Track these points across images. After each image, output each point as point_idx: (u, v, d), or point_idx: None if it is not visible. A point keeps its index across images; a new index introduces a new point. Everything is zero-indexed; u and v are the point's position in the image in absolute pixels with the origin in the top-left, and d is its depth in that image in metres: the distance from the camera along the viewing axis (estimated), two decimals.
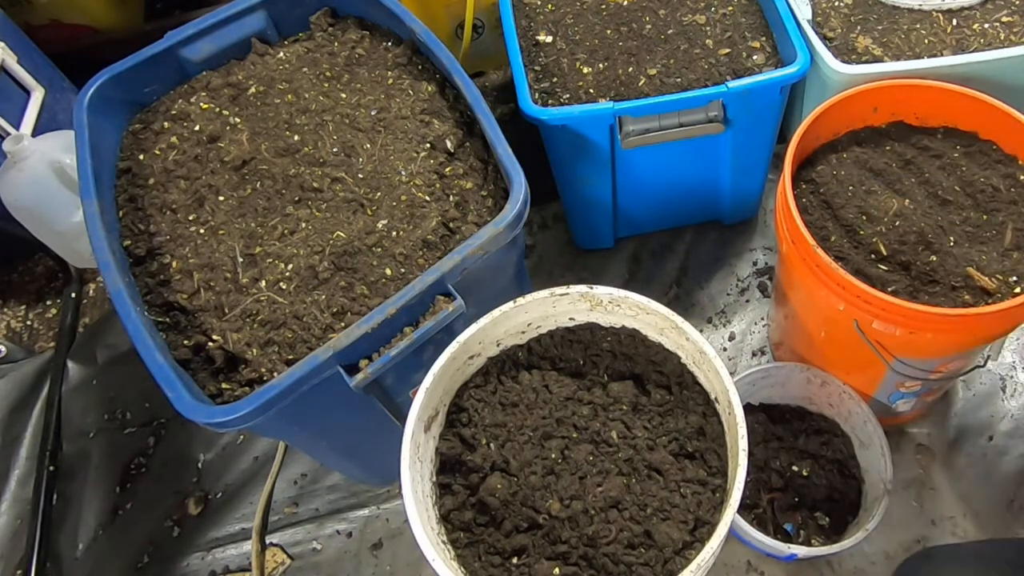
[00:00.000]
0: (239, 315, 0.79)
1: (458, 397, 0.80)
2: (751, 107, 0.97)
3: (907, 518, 1.00)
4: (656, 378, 0.80)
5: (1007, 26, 0.99)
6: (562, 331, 0.83)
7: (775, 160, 1.19)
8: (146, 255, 0.84)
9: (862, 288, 0.75)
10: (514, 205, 0.77)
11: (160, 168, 0.90)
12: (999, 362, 1.10)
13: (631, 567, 0.68)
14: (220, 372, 0.77)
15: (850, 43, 1.00)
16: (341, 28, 1.02)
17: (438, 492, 0.76)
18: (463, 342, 0.76)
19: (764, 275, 1.23)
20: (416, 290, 0.74)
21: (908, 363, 0.84)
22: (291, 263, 0.81)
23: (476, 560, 0.71)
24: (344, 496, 1.11)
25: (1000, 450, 1.03)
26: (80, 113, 0.89)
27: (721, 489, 0.72)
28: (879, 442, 0.91)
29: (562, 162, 1.07)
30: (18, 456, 1.21)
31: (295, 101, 0.94)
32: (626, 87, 0.99)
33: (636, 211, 1.19)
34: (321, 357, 0.71)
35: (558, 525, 0.71)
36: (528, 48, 1.05)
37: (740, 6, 1.05)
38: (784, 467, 0.98)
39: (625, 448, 0.75)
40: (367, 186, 0.86)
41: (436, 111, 0.91)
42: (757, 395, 1.04)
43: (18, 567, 1.11)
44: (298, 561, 1.07)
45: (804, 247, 0.80)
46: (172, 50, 0.96)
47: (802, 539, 0.95)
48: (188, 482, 1.15)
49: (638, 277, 1.25)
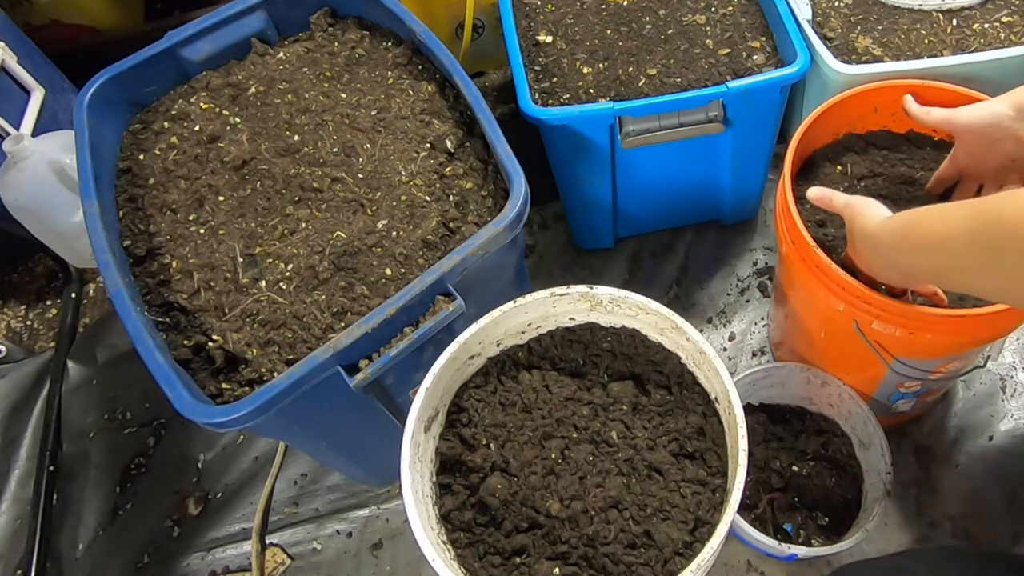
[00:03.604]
0: (239, 315, 0.79)
1: (458, 397, 0.80)
2: (751, 107, 0.97)
3: (907, 518, 1.00)
4: (656, 378, 0.80)
5: (1007, 26, 0.99)
6: (562, 331, 0.83)
7: (775, 160, 1.19)
8: (146, 255, 0.84)
9: (862, 289, 0.75)
10: (514, 205, 0.77)
11: (160, 168, 0.90)
12: (999, 362, 1.10)
13: (631, 567, 0.68)
14: (220, 372, 0.77)
15: (850, 43, 1.00)
16: (341, 28, 1.02)
17: (438, 492, 0.76)
18: (463, 342, 0.76)
19: (764, 275, 1.23)
20: (416, 290, 0.74)
21: (908, 363, 0.84)
22: (291, 263, 0.81)
23: (476, 560, 0.71)
24: (344, 496, 1.11)
25: (1000, 450, 1.03)
26: (80, 113, 0.89)
27: (721, 489, 0.72)
28: (879, 442, 0.91)
29: (562, 162, 1.07)
30: (18, 456, 1.21)
31: (295, 101, 0.94)
32: (626, 87, 0.99)
33: (636, 211, 1.19)
34: (321, 357, 0.71)
35: (558, 525, 0.71)
36: (528, 48, 1.05)
37: (740, 6, 1.05)
38: (784, 467, 0.98)
39: (625, 448, 0.75)
40: (367, 186, 0.86)
41: (436, 111, 0.91)
42: (757, 395, 1.04)
43: (18, 567, 1.11)
44: (298, 561, 1.07)
45: (804, 247, 0.80)
46: (172, 50, 0.96)
47: (802, 539, 0.95)
48: (188, 482, 1.15)
49: (638, 277, 1.25)
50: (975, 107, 0.78)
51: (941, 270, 0.61)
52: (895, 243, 0.66)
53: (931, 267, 0.62)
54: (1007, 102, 0.75)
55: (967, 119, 0.78)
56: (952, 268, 0.59)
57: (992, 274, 0.55)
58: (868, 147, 0.94)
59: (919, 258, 0.63)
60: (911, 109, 0.84)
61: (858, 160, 0.93)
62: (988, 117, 0.76)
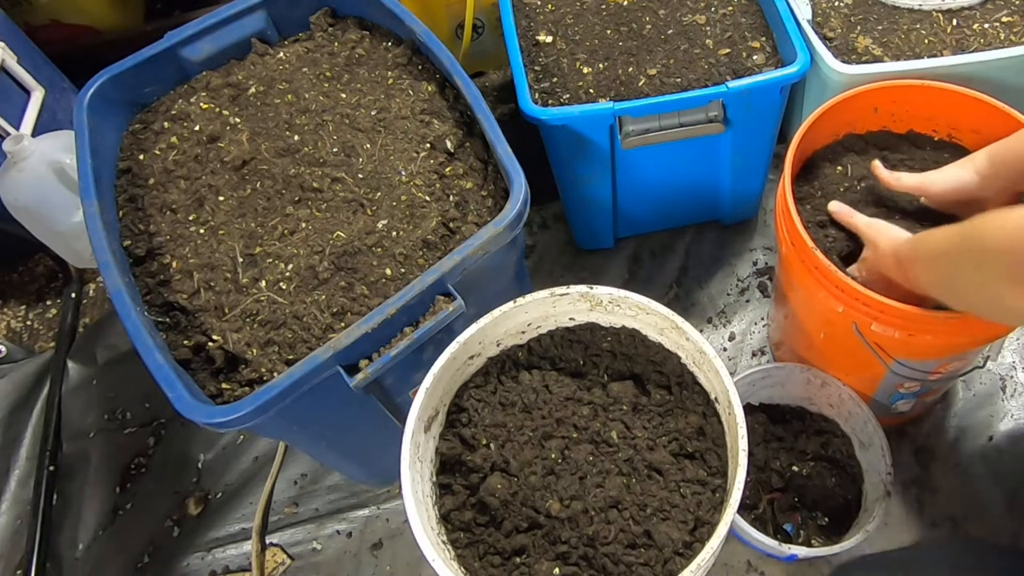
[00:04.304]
0: (239, 315, 0.79)
1: (458, 397, 0.80)
2: (751, 107, 0.97)
3: (907, 518, 1.00)
4: (656, 378, 0.80)
5: (1007, 26, 0.99)
6: (562, 331, 0.83)
7: (775, 160, 1.19)
8: (146, 255, 0.84)
9: (861, 291, 0.75)
10: (514, 205, 0.77)
11: (160, 168, 0.90)
12: (999, 362, 1.10)
13: (631, 567, 0.68)
14: (220, 372, 0.77)
15: (850, 43, 1.00)
16: (341, 28, 1.02)
17: (438, 492, 0.76)
18: (463, 342, 0.76)
19: (764, 275, 1.23)
20: (416, 290, 0.74)
21: (907, 364, 0.84)
22: (291, 263, 0.81)
23: (476, 560, 0.71)
24: (344, 496, 1.11)
25: (1000, 450, 1.03)
26: (80, 113, 0.89)
27: (721, 489, 0.72)
28: (879, 442, 0.91)
29: (562, 162, 1.07)
30: (18, 456, 1.21)
31: (295, 101, 0.94)
32: (626, 87, 0.99)
33: (636, 211, 1.19)
34: (321, 357, 0.71)
35: (558, 525, 0.71)
36: (528, 48, 1.05)
37: (740, 6, 1.05)
38: (784, 467, 0.98)
39: (625, 448, 0.75)
40: (367, 186, 0.86)
41: (436, 111, 0.91)
42: (757, 395, 1.04)
43: (18, 567, 1.11)
44: (298, 561, 1.07)
45: (803, 249, 0.80)
46: (172, 50, 0.96)
47: (802, 539, 0.95)
48: (188, 482, 1.15)
49: (638, 277, 1.25)
50: (943, 173, 0.80)
51: (953, 291, 0.66)
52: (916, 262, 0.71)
53: (931, 280, 0.68)
54: (971, 167, 0.78)
55: (936, 188, 0.81)
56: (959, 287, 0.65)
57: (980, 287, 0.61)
58: (868, 147, 0.94)
59: (934, 278, 0.68)
60: (881, 175, 0.86)
61: (858, 160, 0.93)
62: (955, 184, 0.79)
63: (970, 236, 0.60)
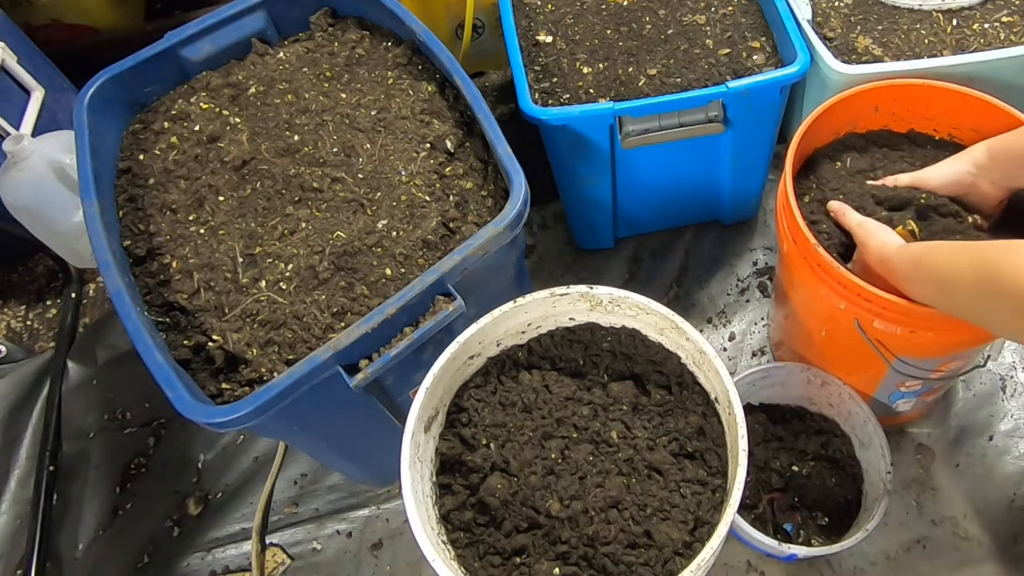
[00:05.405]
0: (239, 315, 0.79)
1: (458, 397, 0.80)
2: (751, 107, 0.97)
3: (907, 518, 1.00)
4: (656, 378, 0.80)
5: (1007, 26, 0.99)
6: (562, 331, 0.83)
7: (775, 160, 1.19)
8: (146, 255, 0.84)
9: (864, 287, 0.75)
10: (514, 205, 0.77)
11: (160, 168, 0.90)
12: (999, 362, 1.10)
13: (631, 567, 0.68)
14: (220, 372, 0.77)
15: (850, 43, 1.00)
16: (341, 28, 1.02)
17: (438, 492, 0.76)
18: (463, 342, 0.76)
19: (764, 275, 1.23)
20: (416, 290, 0.74)
21: (909, 362, 0.84)
22: (291, 263, 0.81)
23: (476, 560, 0.71)
24: (344, 496, 1.11)
25: (1000, 450, 1.03)
26: (80, 113, 0.89)
27: (721, 489, 0.72)
28: (879, 442, 0.91)
29: (562, 162, 1.07)
30: (18, 456, 1.21)
31: (295, 101, 0.94)
32: (626, 87, 0.99)
33: (636, 211, 1.19)
34: (321, 357, 0.71)
35: (558, 525, 0.71)
36: (528, 48, 1.05)
37: (740, 6, 1.05)
38: (784, 467, 0.98)
39: (625, 448, 0.75)
40: (367, 186, 0.86)
41: (436, 111, 0.91)
42: (757, 395, 1.04)
43: (18, 567, 1.11)
44: (298, 561, 1.07)
45: (805, 246, 0.80)
46: (172, 50, 0.96)
47: (802, 539, 0.95)
48: (188, 482, 1.15)
49: (638, 277, 1.25)
50: (940, 167, 0.83)
51: (949, 305, 0.68)
52: (907, 272, 0.72)
53: (938, 302, 0.69)
54: (968, 159, 0.81)
55: (934, 182, 0.82)
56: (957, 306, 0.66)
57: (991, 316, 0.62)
58: (869, 146, 0.94)
59: (929, 290, 0.69)
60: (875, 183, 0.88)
61: (859, 159, 0.93)
62: (951, 175, 0.81)
63: (983, 266, 0.60)
